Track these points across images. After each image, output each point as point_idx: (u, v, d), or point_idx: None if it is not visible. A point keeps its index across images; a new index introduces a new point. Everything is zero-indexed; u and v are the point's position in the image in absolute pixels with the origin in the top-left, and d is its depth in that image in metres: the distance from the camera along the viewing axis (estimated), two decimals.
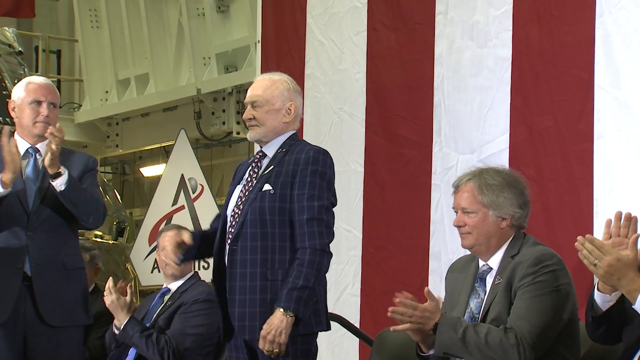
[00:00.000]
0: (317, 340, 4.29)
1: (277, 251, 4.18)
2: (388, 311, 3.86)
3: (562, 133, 5.34)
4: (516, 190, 4.04)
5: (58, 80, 14.56)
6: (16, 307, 4.70)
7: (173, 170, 10.29)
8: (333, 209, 4.28)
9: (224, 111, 11.68)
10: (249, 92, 4.38)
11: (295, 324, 4.10)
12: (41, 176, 4.77)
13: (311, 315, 4.19)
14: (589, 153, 5.18)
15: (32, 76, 5.22)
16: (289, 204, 4.20)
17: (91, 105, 13.23)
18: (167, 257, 4.33)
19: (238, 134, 11.58)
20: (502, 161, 5.42)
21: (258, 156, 4.38)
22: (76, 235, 4.99)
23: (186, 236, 4.35)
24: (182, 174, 10.19)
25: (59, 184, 4.68)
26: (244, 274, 4.19)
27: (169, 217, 9.96)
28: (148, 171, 14.57)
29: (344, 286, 6.33)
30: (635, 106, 5.03)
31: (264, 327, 4.10)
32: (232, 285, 4.22)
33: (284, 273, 4.16)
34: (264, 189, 4.23)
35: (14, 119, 4.93)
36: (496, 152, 5.58)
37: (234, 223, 4.26)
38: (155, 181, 11.72)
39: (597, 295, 3.66)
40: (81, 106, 13.65)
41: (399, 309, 3.85)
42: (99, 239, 10.07)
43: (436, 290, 3.99)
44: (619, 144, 5.08)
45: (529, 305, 3.82)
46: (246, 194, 4.28)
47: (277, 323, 4.08)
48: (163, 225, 9.47)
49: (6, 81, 9.13)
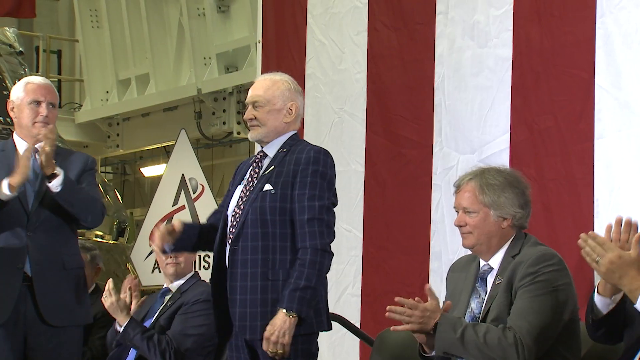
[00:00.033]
0: (318, 341, 4.29)
1: (278, 251, 4.18)
2: (387, 311, 3.85)
3: (563, 133, 5.34)
4: (517, 190, 4.03)
5: (59, 81, 14.58)
6: (16, 307, 4.70)
7: (173, 171, 10.28)
8: (334, 208, 4.29)
9: (224, 111, 11.69)
10: (250, 92, 4.38)
11: (298, 324, 4.10)
12: (40, 177, 4.76)
13: (312, 315, 4.18)
14: (589, 153, 5.18)
15: (30, 76, 5.21)
16: (289, 204, 4.20)
17: (92, 105, 13.24)
18: (154, 244, 4.28)
19: (239, 134, 11.58)
20: (503, 161, 5.42)
21: (259, 156, 4.37)
22: (76, 235, 4.99)
23: (176, 223, 4.32)
24: (183, 174, 10.18)
25: (55, 185, 4.68)
26: (244, 274, 4.19)
27: (169, 217, 9.94)
28: (148, 171, 14.58)
29: (344, 286, 6.32)
30: (635, 106, 5.03)
31: (267, 328, 4.09)
32: (232, 285, 4.22)
33: (284, 273, 4.16)
34: (264, 189, 4.23)
35: (13, 119, 4.93)
36: (497, 152, 5.58)
37: (234, 223, 4.26)
38: (156, 181, 11.71)
39: (597, 299, 3.64)
40: (82, 106, 13.66)
41: (397, 308, 3.84)
42: (99, 239, 10.06)
43: (437, 290, 3.98)
44: (619, 144, 5.08)
45: (529, 305, 3.81)
46: (247, 194, 4.28)
47: (280, 324, 4.07)
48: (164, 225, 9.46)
49: (7, 81, 9.12)
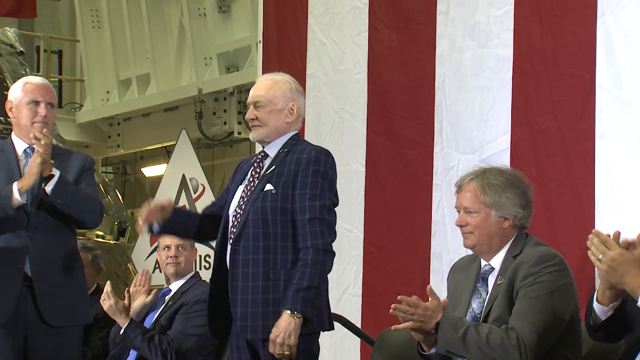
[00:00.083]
0: (319, 340, 4.29)
1: (279, 251, 4.18)
2: (391, 308, 3.85)
3: (564, 133, 5.33)
4: (519, 191, 4.03)
5: (59, 81, 14.59)
6: (17, 307, 4.70)
7: (174, 171, 10.29)
8: (335, 208, 4.29)
9: (225, 111, 11.69)
10: (252, 92, 4.38)
11: (303, 325, 4.10)
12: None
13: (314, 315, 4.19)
14: (590, 153, 5.18)
15: (28, 76, 5.20)
16: (290, 204, 4.20)
17: (92, 106, 13.24)
18: (141, 219, 4.27)
19: (239, 134, 11.58)
20: (504, 161, 5.41)
21: (260, 156, 4.38)
22: (75, 235, 4.99)
23: (167, 201, 4.32)
24: (184, 174, 10.19)
25: (50, 186, 4.69)
26: (246, 274, 4.19)
27: None
28: (149, 171, 14.58)
29: (345, 286, 6.32)
30: (636, 106, 5.03)
31: (272, 331, 4.09)
32: (234, 285, 4.22)
33: (285, 273, 4.16)
34: (265, 189, 4.23)
35: (11, 119, 4.92)
36: (497, 152, 5.58)
37: (235, 223, 4.26)
38: (157, 181, 11.72)
39: (596, 306, 3.62)
40: (82, 106, 13.66)
41: (401, 306, 3.85)
42: (100, 239, 10.05)
43: (437, 290, 3.98)
44: (620, 144, 5.07)
45: (531, 306, 3.81)
46: (248, 194, 4.28)
47: (285, 325, 4.07)
48: None
49: (7, 81, 9.11)
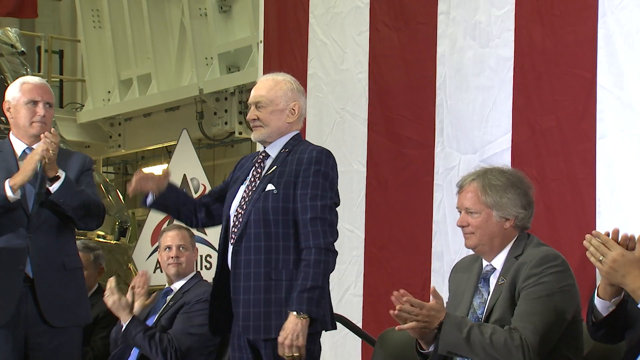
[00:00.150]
0: (320, 340, 4.29)
1: (281, 251, 4.18)
2: (395, 309, 3.84)
3: (565, 133, 5.34)
4: (520, 191, 4.02)
5: (60, 81, 14.59)
6: (18, 308, 4.70)
7: (175, 171, 10.26)
8: (336, 208, 4.29)
9: (226, 111, 11.69)
10: (253, 92, 4.38)
11: (310, 325, 4.10)
12: (39, 179, 4.72)
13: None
14: (591, 153, 5.18)
15: (26, 76, 5.20)
16: (292, 204, 4.20)
17: (93, 106, 13.24)
18: (135, 181, 4.32)
19: (240, 134, 11.58)
20: (505, 161, 5.41)
21: (261, 156, 4.38)
22: (75, 236, 4.99)
23: (165, 170, 4.39)
24: (185, 174, 10.19)
25: (55, 187, 4.69)
26: (248, 274, 4.19)
27: (171, 217, 9.94)
28: (150, 171, 14.56)
29: (346, 286, 6.32)
30: (637, 106, 5.03)
31: (280, 333, 4.09)
32: (236, 285, 4.22)
33: (287, 273, 4.16)
34: (267, 189, 4.23)
35: (9, 120, 4.91)
36: (498, 152, 5.58)
37: (237, 223, 4.26)
38: None
39: (597, 301, 3.63)
40: (83, 106, 13.66)
41: (406, 307, 3.84)
42: (101, 239, 10.06)
43: (439, 291, 3.98)
44: (621, 144, 5.08)
45: (533, 306, 3.81)
46: (249, 194, 4.28)
47: (292, 327, 4.07)
48: (165, 225, 9.46)
49: (8, 81, 9.12)
